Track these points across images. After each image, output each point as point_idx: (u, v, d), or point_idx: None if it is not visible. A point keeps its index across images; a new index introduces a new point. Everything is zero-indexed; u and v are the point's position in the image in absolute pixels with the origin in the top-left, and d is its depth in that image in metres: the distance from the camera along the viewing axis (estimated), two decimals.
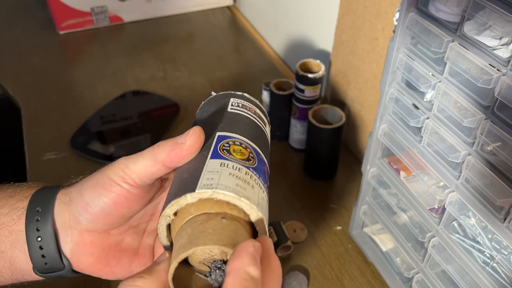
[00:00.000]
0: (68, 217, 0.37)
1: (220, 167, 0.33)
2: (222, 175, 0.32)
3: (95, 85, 1.03)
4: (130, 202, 0.36)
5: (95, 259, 0.38)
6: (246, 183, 0.32)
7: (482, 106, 0.43)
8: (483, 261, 0.47)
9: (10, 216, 0.37)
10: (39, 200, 0.37)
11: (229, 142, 0.35)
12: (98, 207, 0.36)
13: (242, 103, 0.40)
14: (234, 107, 0.39)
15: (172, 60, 1.12)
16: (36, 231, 0.36)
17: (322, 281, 0.68)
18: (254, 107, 0.41)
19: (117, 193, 0.35)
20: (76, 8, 1.17)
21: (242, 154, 0.35)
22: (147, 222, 0.41)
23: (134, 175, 0.35)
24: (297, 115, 0.84)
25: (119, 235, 0.39)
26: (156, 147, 0.35)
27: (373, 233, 0.67)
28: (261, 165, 0.36)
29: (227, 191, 0.31)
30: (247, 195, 0.32)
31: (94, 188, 0.36)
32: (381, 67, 0.74)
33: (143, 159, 0.35)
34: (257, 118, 0.40)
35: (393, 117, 0.56)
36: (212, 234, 0.30)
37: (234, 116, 0.38)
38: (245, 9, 1.30)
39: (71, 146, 0.87)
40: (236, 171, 0.33)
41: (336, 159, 0.82)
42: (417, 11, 0.47)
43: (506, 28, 0.38)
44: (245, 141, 0.36)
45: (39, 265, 0.37)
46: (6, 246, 0.37)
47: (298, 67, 0.80)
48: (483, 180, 0.44)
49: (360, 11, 0.77)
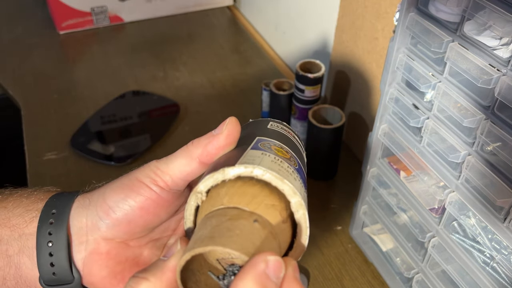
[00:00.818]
0: (85, 222, 0.34)
1: (262, 155, 0.30)
2: (264, 160, 0.29)
3: (95, 85, 1.03)
4: (158, 208, 0.34)
5: (109, 272, 0.35)
6: (289, 173, 0.30)
7: (482, 106, 0.43)
8: (483, 261, 0.47)
9: (22, 218, 0.34)
10: (56, 202, 0.35)
11: (270, 143, 0.33)
12: (122, 211, 0.33)
13: (281, 126, 0.39)
14: (273, 127, 0.38)
15: (172, 60, 1.12)
16: (48, 235, 0.33)
17: (322, 281, 0.68)
18: (293, 133, 0.40)
19: (146, 196, 0.33)
20: (76, 8, 1.17)
21: (283, 154, 0.32)
22: (168, 237, 0.38)
23: (167, 177, 0.32)
24: (297, 115, 0.84)
25: (138, 248, 0.36)
26: (190, 144, 0.33)
27: (373, 233, 0.67)
28: (302, 172, 0.33)
29: (269, 170, 0.28)
30: (290, 180, 0.29)
31: (120, 190, 0.33)
32: (381, 67, 0.74)
33: (176, 159, 0.33)
34: (296, 141, 0.38)
35: (393, 117, 0.56)
36: (238, 236, 0.26)
37: (274, 131, 0.36)
38: (245, 9, 1.30)
39: (71, 146, 0.87)
40: (278, 161, 0.30)
41: (336, 159, 0.82)
42: (417, 11, 0.47)
43: (506, 28, 0.38)
44: (285, 147, 0.34)
45: (47, 275, 0.34)
46: (14, 250, 0.34)
47: (298, 67, 0.80)
48: (483, 180, 0.44)
49: (360, 11, 0.77)
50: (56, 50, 1.16)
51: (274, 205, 0.29)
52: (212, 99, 1.00)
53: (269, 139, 0.34)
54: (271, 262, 0.24)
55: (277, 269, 0.25)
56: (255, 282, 0.24)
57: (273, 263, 0.25)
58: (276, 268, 0.25)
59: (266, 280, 0.24)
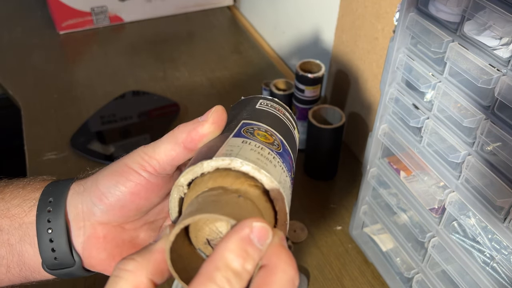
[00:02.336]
0: (81, 208, 0.35)
1: (242, 143, 0.31)
2: (243, 149, 0.30)
3: (95, 85, 1.03)
4: (148, 192, 0.35)
5: (107, 254, 0.36)
6: (268, 160, 0.30)
7: (482, 106, 0.43)
8: (483, 261, 0.47)
9: (21, 208, 0.35)
10: (52, 190, 0.36)
11: (254, 128, 0.33)
12: (114, 197, 0.34)
13: (272, 104, 0.39)
14: (263, 106, 0.38)
15: (172, 60, 1.12)
16: (47, 223, 0.34)
17: (322, 281, 0.68)
18: (284, 110, 0.40)
19: (135, 182, 0.34)
20: (76, 8, 1.17)
21: (266, 138, 0.33)
22: (163, 219, 0.39)
23: (154, 162, 0.33)
24: (297, 115, 0.84)
25: (134, 230, 0.37)
26: (176, 129, 0.33)
27: (373, 233, 0.67)
28: (286, 155, 0.34)
29: (246, 161, 0.29)
30: (268, 169, 0.29)
31: (111, 177, 0.34)
32: (381, 67, 0.74)
33: (162, 144, 0.33)
34: (286, 119, 0.39)
35: (393, 117, 0.56)
36: (225, 206, 0.26)
37: (262, 111, 0.37)
38: (245, 9, 1.30)
39: (71, 146, 0.87)
40: (258, 148, 0.31)
41: (336, 159, 0.82)
42: (417, 11, 0.47)
43: (506, 28, 0.38)
44: (270, 130, 0.34)
45: (49, 260, 0.35)
46: (15, 239, 0.35)
47: (298, 67, 0.80)
48: (483, 180, 0.44)
49: (360, 11, 0.77)
50: (56, 50, 1.16)
51: (257, 186, 0.29)
52: (212, 99, 1.00)
53: (254, 123, 0.34)
54: (256, 228, 0.24)
55: (263, 235, 0.24)
56: (237, 246, 0.24)
57: (259, 229, 0.24)
58: (262, 234, 0.24)
59: (248, 245, 0.24)
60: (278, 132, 0.35)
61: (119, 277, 0.26)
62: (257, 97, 0.40)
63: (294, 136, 0.38)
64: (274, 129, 0.35)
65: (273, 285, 0.24)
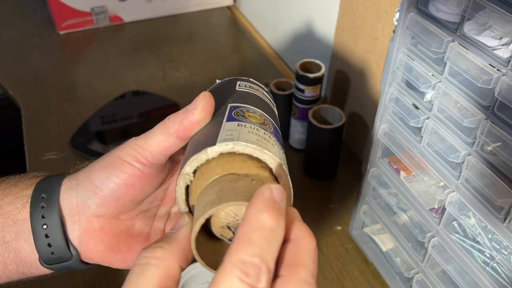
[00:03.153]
0: (75, 202, 0.35)
1: (238, 127, 0.31)
2: (241, 132, 0.31)
3: (95, 85, 1.03)
4: (142, 183, 0.35)
5: (105, 246, 0.36)
6: (266, 140, 0.31)
7: (482, 106, 0.43)
8: (483, 261, 0.47)
9: (14, 205, 0.35)
10: (44, 187, 0.36)
11: (243, 110, 0.34)
12: (108, 189, 0.34)
13: (249, 85, 0.40)
14: (242, 87, 0.39)
15: (172, 60, 1.12)
16: (42, 219, 0.35)
17: (322, 281, 0.68)
18: (261, 89, 0.41)
19: (129, 173, 0.34)
20: (76, 8, 1.17)
21: (257, 119, 0.34)
22: (157, 207, 0.40)
23: (147, 153, 0.34)
24: (297, 115, 0.84)
25: (129, 220, 0.38)
26: (167, 120, 0.34)
27: (373, 233, 0.67)
28: (277, 132, 0.35)
29: (249, 143, 0.30)
30: (269, 149, 0.31)
31: (104, 169, 0.34)
32: (381, 67, 0.74)
33: (154, 135, 0.34)
34: (266, 98, 0.40)
35: (393, 117, 0.56)
36: (244, 191, 0.28)
37: (243, 93, 0.38)
38: (245, 9, 1.30)
39: (71, 146, 0.87)
40: (254, 130, 0.32)
41: (336, 159, 0.82)
42: (417, 11, 0.47)
43: (506, 28, 0.38)
44: (258, 110, 0.35)
45: (46, 256, 0.35)
46: (10, 236, 0.35)
47: (298, 67, 0.80)
48: (483, 180, 0.44)
49: (360, 11, 0.77)
50: (56, 50, 1.16)
51: (263, 167, 0.31)
52: None
53: (241, 105, 0.35)
54: (275, 189, 0.26)
55: (281, 194, 0.26)
56: (266, 206, 0.25)
57: (277, 190, 0.26)
58: (281, 194, 0.26)
59: (274, 203, 0.25)
60: (264, 111, 0.36)
61: (148, 264, 0.26)
62: (233, 79, 0.40)
63: (275, 113, 0.40)
64: (260, 109, 0.36)
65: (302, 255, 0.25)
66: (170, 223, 0.40)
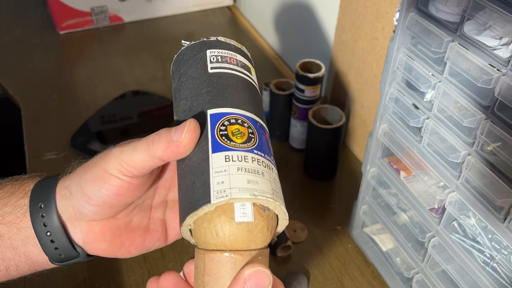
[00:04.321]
0: (72, 210, 0.36)
1: (226, 162, 0.32)
2: (231, 174, 0.31)
3: (95, 85, 1.03)
4: (132, 191, 0.36)
5: (108, 244, 0.38)
6: (256, 173, 0.32)
7: (482, 106, 0.43)
8: (483, 261, 0.47)
9: (14, 215, 0.37)
10: (39, 196, 0.37)
11: (225, 123, 0.33)
12: (100, 199, 0.35)
13: (221, 55, 0.37)
14: (214, 64, 0.37)
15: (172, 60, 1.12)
16: (44, 227, 0.36)
17: (322, 281, 0.68)
18: (235, 54, 0.38)
19: (117, 186, 0.35)
20: (76, 8, 1.17)
21: (242, 136, 0.33)
22: (151, 198, 0.41)
23: (132, 168, 0.34)
24: (297, 115, 0.84)
25: (126, 217, 0.39)
26: (151, 143, 0.34)
27: (373, 233, 0.67)
28: (262, 137, 0.34)
29: (242, 194, 0.30)
30: (261, 189, 0.31)
31: (94, 182, 0.35)
32: (381, 67, 0.74)
33: (139, 154, 0.34)
34: (241, 69, 0.37)
35: (393, 117, 0.56)
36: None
37: (219, 79, 0.36)
38: (245, 9, 1.30)
39: (71, 146, 0.87)
40: (242, 162, 0.32)
41: (336, 159, 0.82)
42: (417, 11, 0.47)
43: (506, 28, 0.38)
44: (240, 115, 0.34)
45: (54, 257, 0.37)
46: (18, 243, 0.37)
47: (298, 67, 0.80)
48: (483, 180, 0.44)
49: (360, 11, 0.77)
50: (56, 50, 1.16)
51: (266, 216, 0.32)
52: None
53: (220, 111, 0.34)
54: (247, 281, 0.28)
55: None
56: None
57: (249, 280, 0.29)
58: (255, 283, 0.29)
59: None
60: (245, 107, 0.35)
61: None
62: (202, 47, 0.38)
63: (256, 89, 0.38)
64: (240, 107, 0.35)
65: None
66: (170, 212, 0.40)
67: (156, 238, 0.40)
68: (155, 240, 0.40)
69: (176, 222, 0.40)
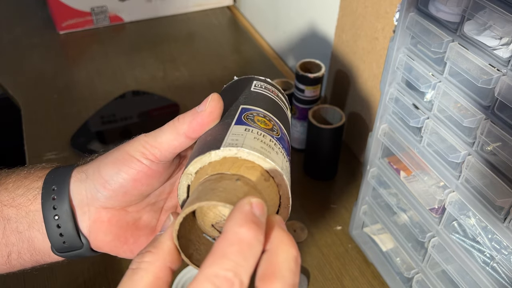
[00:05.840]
0: (85, 194, 0.36)
1: (245, 131, 0.32)
2: (247, 138, 0.32)
3: (95, 85, 1.03)
4: (150, 179, 0.36)
5: (113, 236, 0.38)
6: (271, 148, 0.32)
7: (482, 106, 0.43)
8: (483, 261, 0.47)
9: (26, 197, 0.37)
10: (54, 179, 0.37)
11: (253, 113, 0.35)
12: (117, 183, 0.35)
13: (265, 86, 0.40)
14: (257, 88, 0.39)
15: (172, 60, 1.12)
16: (53, 210, 0.36)
17: (322, 281, 0.68)
18: (277, 91, 0.41)
19: (137, 169, 0.35)
20: (76, 8, 1.17)
21: (266, 124, 0.34)
22: (164, 200, 0.41)
23: (156, 150, 0.35)
24: (297, 115, 0.84)
25: (136, 212, 0.39)
26: (176, 121, 0.34)
27: (373, 233, 0.67)
28: (284, 138, 0.35)
29: (253, 151, 0.30)
30: (272, 157, 0.31)
31: (113, 165, 0.35)
32: (381, 67, 0.74)
33: (164, 134, 0.34)
34: (280, 100, 0.40)
35: (393, 117, 0.56)
36: (222, 192, 0.28)
37: (257, 95, 0.38)
38: (245, 9, 1.30)
39: (71, 146, 0.87)
40: (260, 136, 0.32)
41: (336, 159, 0.82)
42: (417, 11, 0.47)
43: (506, 28, 0.38)
44: (268, 115, 0.36)
45: (58, 244, 0.37)
46: (24, 226, 0.37)
47: (298, 67, 0.80)
48: (483, 180, 0.44)
49: (360, 11, 0.77)
50: (56, 50, 1.16)
51: (254, 166, 0.31)
52: None
53: (252, 108, 0.36)
54: (255, 203, 0.26)
55: (261, 208, 0.26)
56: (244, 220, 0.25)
57: (257, 203, 0.26)
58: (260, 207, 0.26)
59: (253, 217, 0.25)
60: (275, 115, 0.36)
61: (139, 269, 0.27)
62: (250, 78, 0.41)
63: (288, 117, 0.40)
64: (271, 113, 0.36)
65: (278, 265, 0.25)
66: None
67: None
68: None
69: None
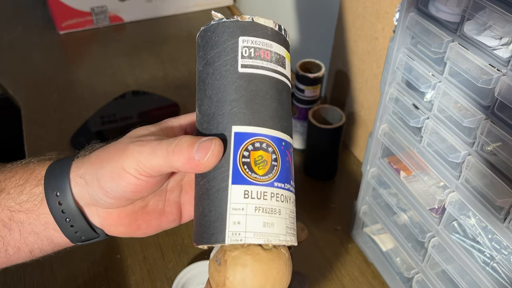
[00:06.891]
0: (88, 197, 0.37)
1: (245, 199, 0.32)
2: (248, 214, 0.32)
3: (95, 85, 1.03)
4: (149, 188, 0.36)
5: (125, 227, 0.39)
6: (273, 212, 0.32)
7: (482, 106, 0.43)
8: (483, 261, 0.47)
9: (32, 202, 0.37)
10: (54, 184, 0.37)
11: (248, 148, 0.32)
12: (118, 194, 0.36)
13: (255, 47, 0.33)
14: (246, 61, 0.33)
15: (172, 60, 1.12)
16: (62, 214, 0.37)
17: (322, 281, 0.68)
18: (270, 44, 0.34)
19: (135, 184, 0.35)
20: (76, 8, 1.17)
21: (264, 165, 0.32)
22: (167, 182, 0.41)
23: (149, 170, 0.34)
24: (297, 115, 0.84)
25: (142, 201, 0.40)
26: (171, 153, 0.33)
27: (373, 233, 0.67)
28: (285, 161, 0.33)
29: (256, 239, 0.31)
30: (276, 232, 0.32)
31: (111, 179, 0.35)
32: (381, 67, 0.74)
33: (156, 159, 0.34)
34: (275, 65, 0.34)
35: (393, 117, 0.56)
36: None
37: (248, 85, 0.33)
38: (245, 9, 1.30)
39: (71, 146, 0.87)
40: (261, 200, 0.32)
41: (336, 159, 0.82)
42: (417, 11, 0.47)
43: (506, 28, 0.38)
44: (265, 136, 0.32)
45: (76, 239, 0.38)
46: (39, 228, 0.37)
47: (298, 67, 0.80)
48: (483, 180, 0.44)
49: (360, 11, 0.77)
50: (56, 50, 1.16)
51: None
52: None
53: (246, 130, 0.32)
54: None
55: None
56: None
57: None
58: None
59: None
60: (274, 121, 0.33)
61: None
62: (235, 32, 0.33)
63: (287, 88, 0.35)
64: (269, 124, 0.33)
65: None
66: (185, 196, 0.41)
67: (172, 220, 0.41)
68: (171, 221, 0.41)
69: (190, 205, 0.40)
